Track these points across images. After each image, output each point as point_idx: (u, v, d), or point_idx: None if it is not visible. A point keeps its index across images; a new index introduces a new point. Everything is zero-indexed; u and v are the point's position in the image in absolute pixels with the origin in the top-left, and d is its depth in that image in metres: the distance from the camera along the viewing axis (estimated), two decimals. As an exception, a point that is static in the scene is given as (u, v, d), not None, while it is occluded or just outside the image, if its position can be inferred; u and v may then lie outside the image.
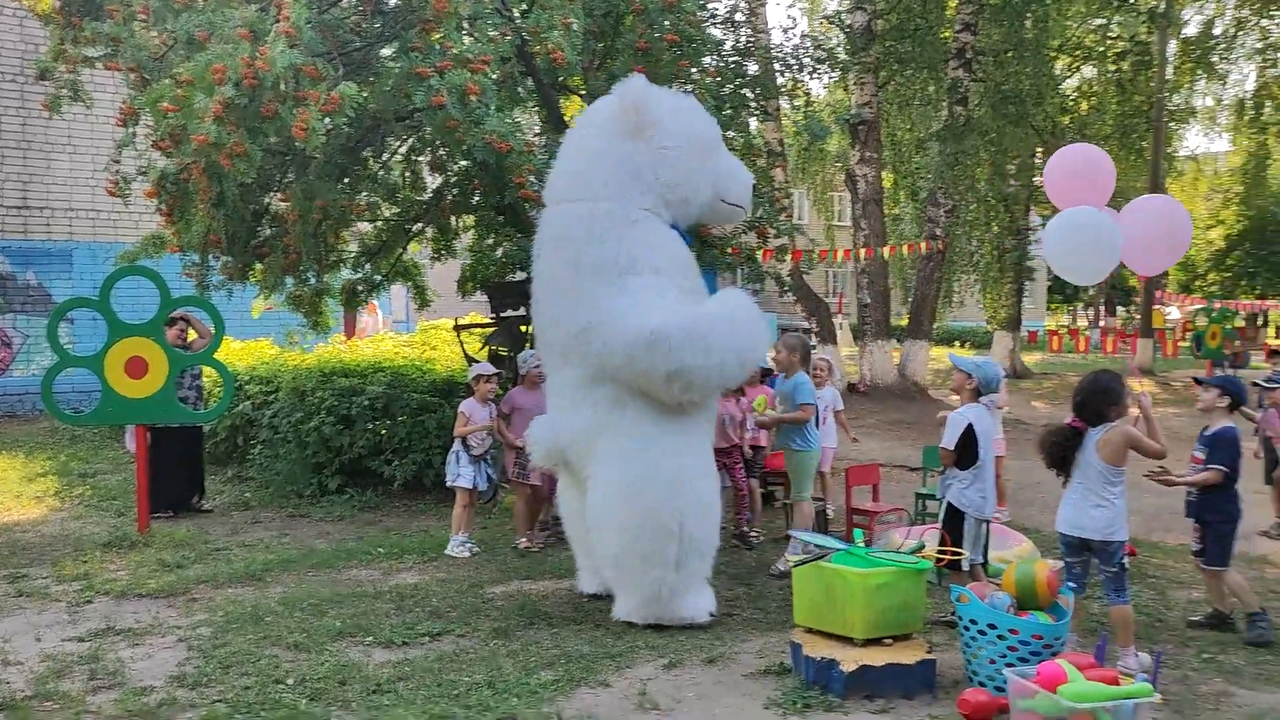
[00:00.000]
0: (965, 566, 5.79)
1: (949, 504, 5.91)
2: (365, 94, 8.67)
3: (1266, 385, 8.46)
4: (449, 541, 7.81)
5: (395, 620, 5.99)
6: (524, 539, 7.92)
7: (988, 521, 6.00)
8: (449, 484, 8.04)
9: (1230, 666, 5.35)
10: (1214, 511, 5.85)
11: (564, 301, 5.96)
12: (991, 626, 4.73)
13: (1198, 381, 6.29)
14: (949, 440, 5.84)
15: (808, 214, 34.23)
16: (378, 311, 20.80)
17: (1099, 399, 5.24)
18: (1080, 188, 6.49)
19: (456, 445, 8.01)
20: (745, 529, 8.13)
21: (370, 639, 5.64)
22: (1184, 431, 11.18)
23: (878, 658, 4.76)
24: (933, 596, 6.31)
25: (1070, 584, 5.22)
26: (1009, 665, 4.56)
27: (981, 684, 4.71)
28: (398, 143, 10.32)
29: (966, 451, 5.84)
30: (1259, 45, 23.36)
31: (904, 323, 18.76)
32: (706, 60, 9.37)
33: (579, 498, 6.19)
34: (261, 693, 4.78)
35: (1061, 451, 5.31)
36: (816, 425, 7.52)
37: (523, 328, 9.82)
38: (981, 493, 5.86)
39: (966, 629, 4.84)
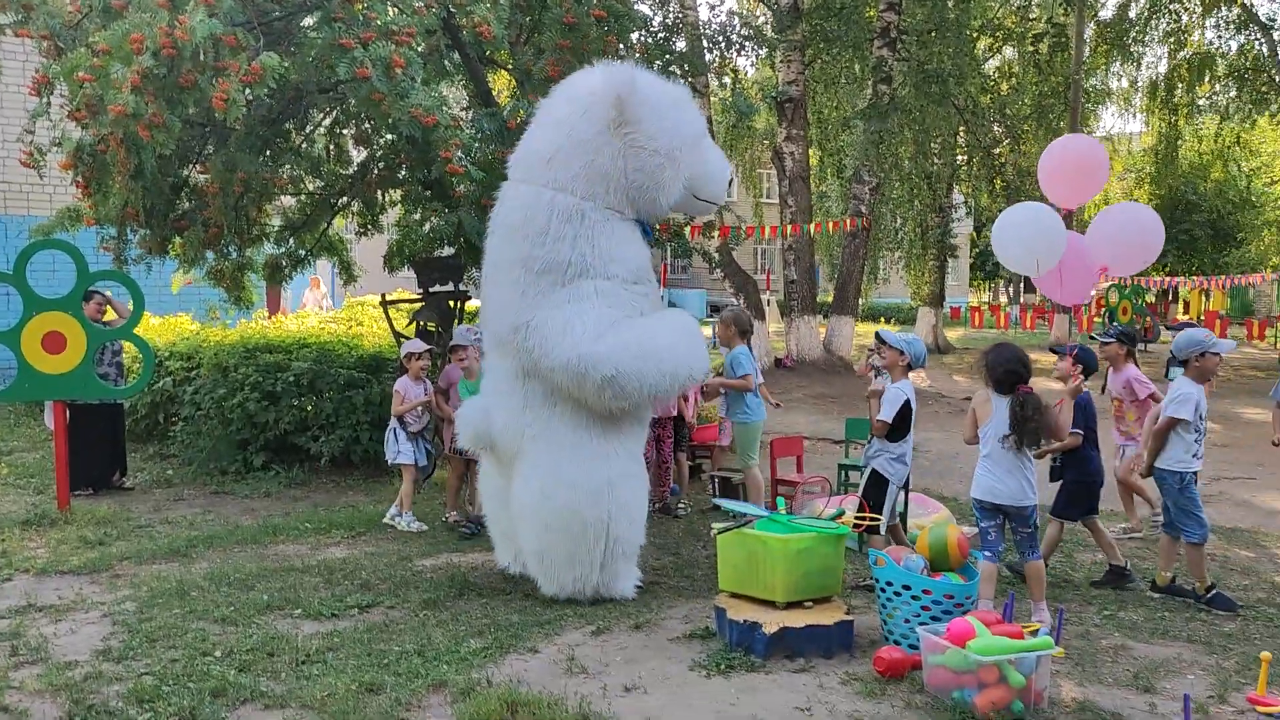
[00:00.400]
0: (882, 531, 6.04)
1: (874, 471, 6.18)
2: (287, 65, 8.57)
3: (1101, 340, 7.76)
4: (401, 518, 7.78)
5: (324, 593, 6.00)
6: (453, 513, 7.95)
7: (907, 489, 6.28)
8: (390, 462, 8.08)
9: (1129, 623, 5.64)
10: (1071, 471, 6.41)
11: (508, 293, 5.80)
12: (906, 588, 4.92)
13: (1054, 351, 6.69)
14: (888, 414, 6.09)
15: (737, 191, 34.48)
16: (320, 285, 20.44)
17: (1023, 369, 5.46)
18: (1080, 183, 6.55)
19: (394, 423, 8.04)
20: (668, 500, 8.26)
21: (299, 612, 5.65)
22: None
23: (798, 620, 4.92)
24: (853, 562, 6.54)
25: (986, 551, 5.47)
26: (922, 624, 4.76)
27: (897, 642, 4.91)
28: (321, 115, 10.19)
29: (898, 424, 6.13)
30: (1169, 28, 24.05)
31: (830, 299, 19.07)
32: (635, 36, 9.41)
33: (502, 481, 6.11)
34: (189, 665, 4.77)
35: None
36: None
37: (450, 303, 9.81)
38: (905, 463, 6.25)
39: (883, 590, 5.03)
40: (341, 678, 4.58)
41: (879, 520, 5.95)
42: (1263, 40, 24.82)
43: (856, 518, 5.82)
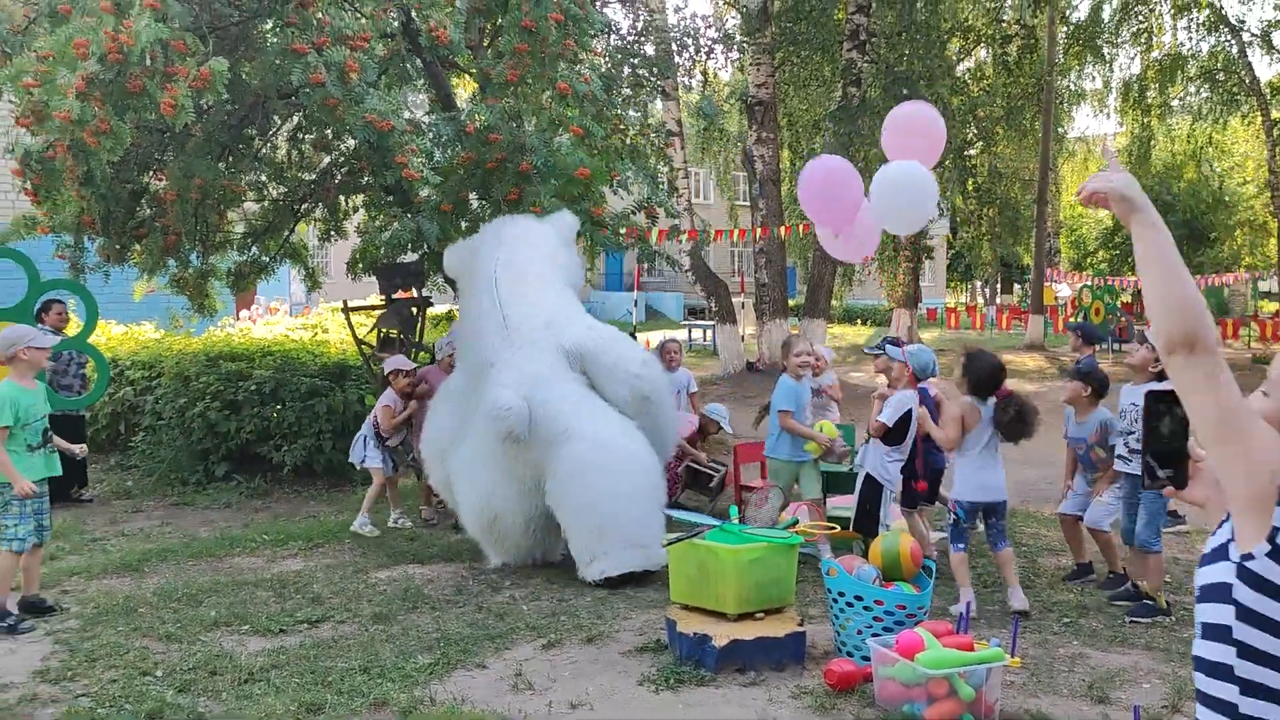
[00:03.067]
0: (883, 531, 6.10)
1: (869, 476, 6.31)
2: (246, 69, 8.45)
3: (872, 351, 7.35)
4: (359, 520, 7.88)
5: (274, 608, 5.90)
6: (425, 508, 8.30)
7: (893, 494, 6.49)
8: (359, 465, 8.23)
9: (1088, 630, 5.60)
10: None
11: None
12: (858, 598, 4.86)
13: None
14: (889, 416, 6.17)
15: (712, 193, 34.46)
16: (279, 312, 20.30)
17: (1003, 374, 5.79)
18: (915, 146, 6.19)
19: (366, 430, 8.15)
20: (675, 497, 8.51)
21: (246, 628, 5.55)
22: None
23: (749, 632, 4.86)
24: (813, 570, 6.47)
25: (960, 544, 5.71)
26: (875, 635, 4.70)
27: (849, 654, 4.84)
28: (281, 120, 10.07)
29: (897, 430, 6.21)
30: (1140, 29, 24.18)
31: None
32: (596, 43, 9.34)
33: (521, 490, 6.53)
34: (128, 686, 4.67)
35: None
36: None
37: (413, 310, 9.72)
38: (900, 469, 6.34)
39: (835, 601, 4.96)
40: (282, 697, 4.49)
41: (834, 531, 5.91)
42: (1232, 42, 25.00)
43: (819, 526, 5.78)
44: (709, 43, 13.37)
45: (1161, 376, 6.03)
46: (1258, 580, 1.72)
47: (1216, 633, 1.80)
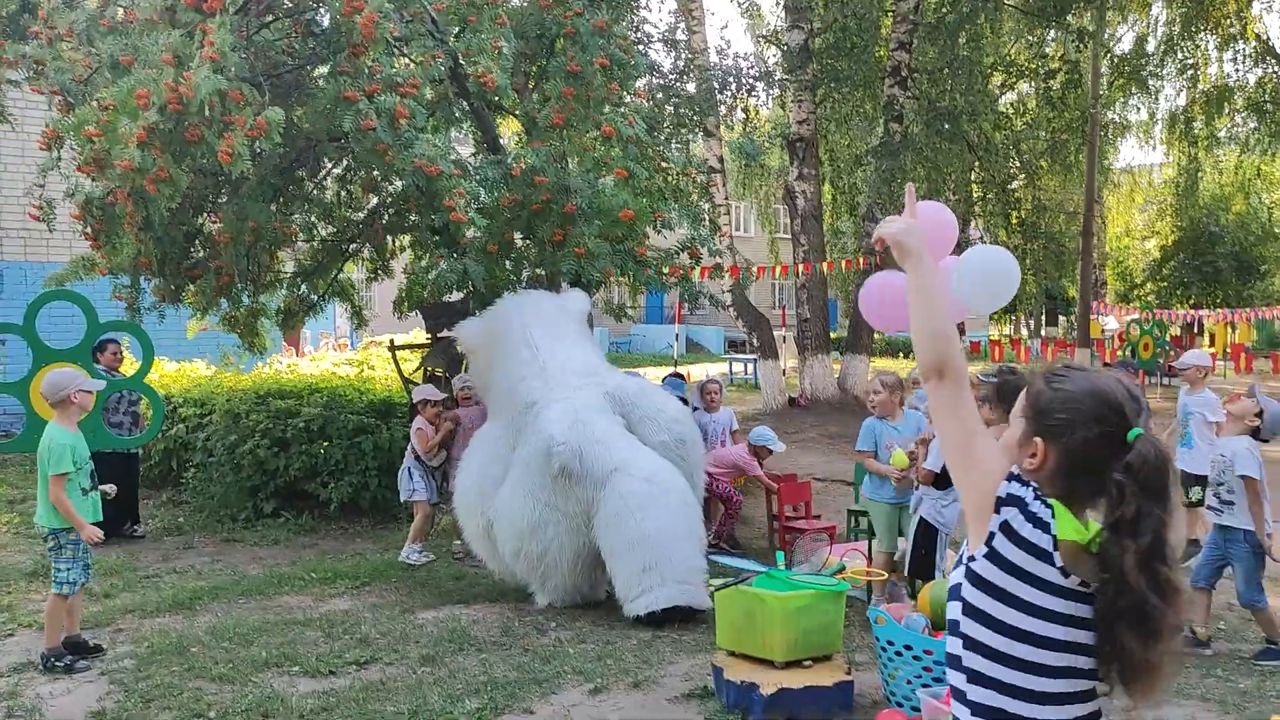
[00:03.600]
0: (937, 576, 5.97)
1: (923, 520, 6.17)
2: (299, 113, 8.65)
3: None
4: (413, 553, 8.08)
5: (323, 649, 5.96)
6: (458, 542, 8.28)
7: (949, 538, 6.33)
8: (404, 499, 8.44)
9: (1142, 679, 5.50)
10: None
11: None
12: (908, 648, 4.82)
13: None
14: (934, 463, 6.04)
15: (753, 227, 34.52)
16: (329, 339, 20.66)
17: None
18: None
19: (409, 462, 8.31)
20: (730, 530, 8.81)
21: (296, 669, 5.61)
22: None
23: (797, 680, 4.83)
24: (860, 615, 6.42)
25: None
26: (924, 685, 4.66)
27: (899, 704, 4.81)
28: (331, 163, 10.28)
29: (946, 474, 6.06)
30: (1187, 62, 23.99)
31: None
32: (640, 83, 9.45)
33: (570, 526, 6.62)
34: (182, 728, 4.74)
35: None
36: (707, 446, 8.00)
37: (457, 348, 9.82)
38: (956, 512, 6.13)
39: (884, 650, 4.93)
40: (333, 741, 4.53)
41: (884, 577, 5.87)
42: (1280, 72, 24.71)
43: (867, 571, 5.76)
44: (750, 80, 13.44)
45: (1257, 431, 5.96)
46: (977, 579, 1.96)
47: (953, 627, 2.03)
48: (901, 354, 34.00)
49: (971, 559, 1.98)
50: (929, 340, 2.05)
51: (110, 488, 6.74)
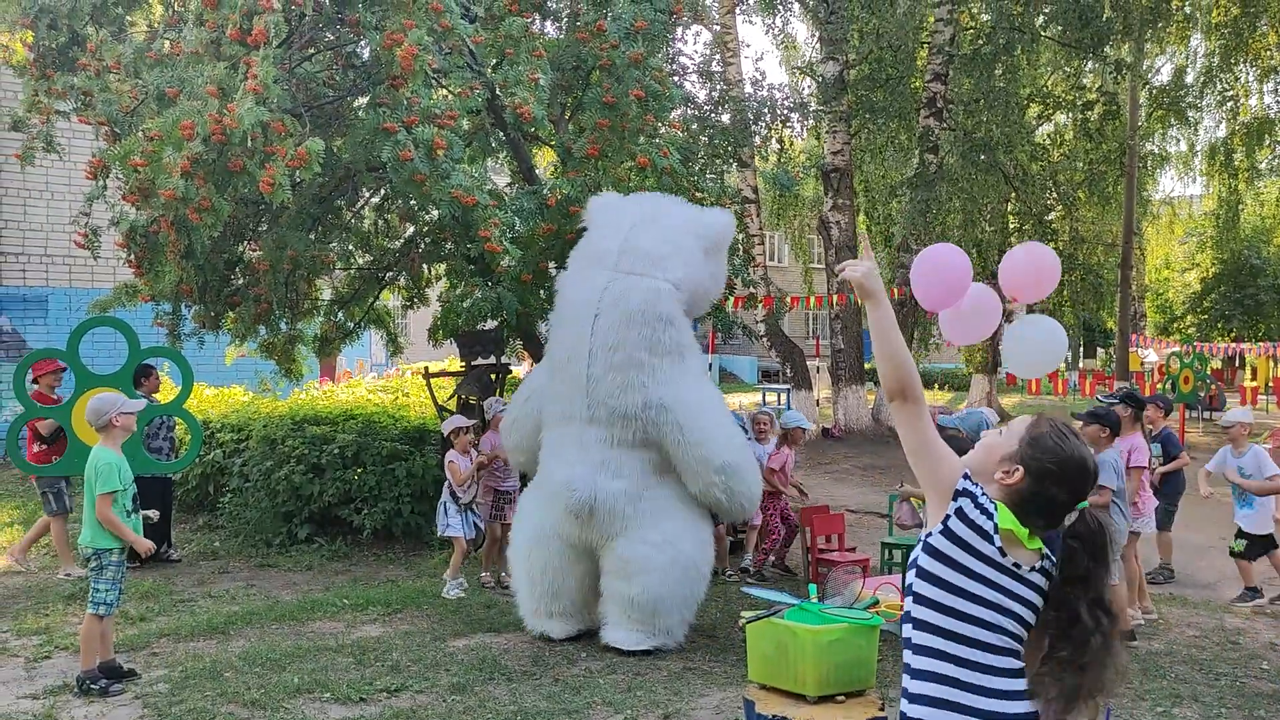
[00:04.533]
0: None
1: None
2: (338, 143, 8.78)
3: (1106, 401, 7.40)
4: (447, 587, 8.03)
5: (354, 675, 5.98)
6: (486, 573, 8.45)
7: None
8: (440, 534, 8.43)
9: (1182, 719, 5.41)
10: None
11: (634, 374, 6.50)
12: (941, 683, 4.76)
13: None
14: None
15: (786, 256, 34.51)
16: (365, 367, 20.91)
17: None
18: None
19: (445, 495, 8.30)
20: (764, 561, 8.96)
21: (328, 695, 5.63)
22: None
23: (829, 715, 4.77)
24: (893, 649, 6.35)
25: None
26: (958, 722, 4.59)
27: (932, 740, 4.73)
28: (370, 192, 10.43)
29: None
30: (1226, 94, 23.82)
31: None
32: (675, 114, 9.51)
33: (576, 559, 6.67)
34: (214, 752, 4.76)
35: None
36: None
37: (492, 375, 9.89)
38: None
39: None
40: (363, 769, 4.54)
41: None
42: (1322, 103, 24.46)
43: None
44: (785, 111, 13.49)
45: None
46: (932, 549, 2.38)
47: (908, 590, 2.42)
48: (937, 384, 33.76)
49: (929, 534, 2.40)
50: (892, 368, 2.45)
51: (154, 513, 6.83)
